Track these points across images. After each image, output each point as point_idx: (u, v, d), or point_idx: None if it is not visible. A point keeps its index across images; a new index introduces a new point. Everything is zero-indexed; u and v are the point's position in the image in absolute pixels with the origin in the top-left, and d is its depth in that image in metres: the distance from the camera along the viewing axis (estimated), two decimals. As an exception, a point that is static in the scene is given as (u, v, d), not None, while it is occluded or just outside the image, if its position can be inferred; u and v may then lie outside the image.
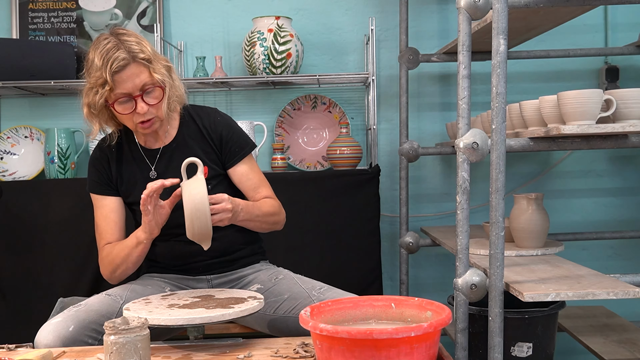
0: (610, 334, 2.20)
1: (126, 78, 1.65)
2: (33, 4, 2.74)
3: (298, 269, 1.94)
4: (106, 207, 1.84)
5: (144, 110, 1.69)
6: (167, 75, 1.72)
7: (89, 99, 1.70)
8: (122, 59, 1.64)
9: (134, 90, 1.67)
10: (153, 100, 1.70)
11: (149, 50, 1.69)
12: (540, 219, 1.94)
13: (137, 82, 1.67)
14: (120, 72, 1.65)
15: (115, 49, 1.64)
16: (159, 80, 1.69)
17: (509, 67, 2.03)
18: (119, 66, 1.64)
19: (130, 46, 1.66)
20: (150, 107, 1.70)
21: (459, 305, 1.66)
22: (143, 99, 1.68)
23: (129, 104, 1.69)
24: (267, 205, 1.83)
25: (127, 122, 1.75)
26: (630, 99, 1.57)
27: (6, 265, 2.41)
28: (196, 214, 1.56)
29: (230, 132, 1.86)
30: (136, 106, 1.68)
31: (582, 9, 1.85)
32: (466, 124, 1.61)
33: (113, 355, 1.25)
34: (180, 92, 1.79)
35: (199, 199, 1.56)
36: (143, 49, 1.68)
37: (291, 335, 1.64)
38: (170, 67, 1.76)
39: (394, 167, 2.73)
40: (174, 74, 1.78)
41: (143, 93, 1.68)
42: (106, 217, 1.83)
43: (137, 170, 1.84)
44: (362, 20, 2.72)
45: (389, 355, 1.16)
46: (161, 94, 1.71)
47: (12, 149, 2.71)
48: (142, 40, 1.70)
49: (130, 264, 1.76)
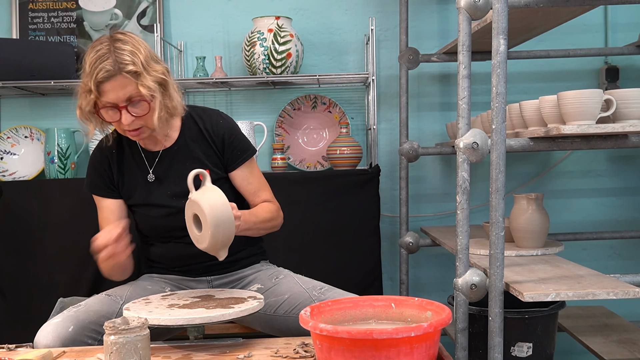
0: (610, 334, 2.20)
1: (110, 89, 1.62)
2: (33, 4, 2.74)
3: (298, 269, 1.94)
4: (106, 209, 1.84)
5: (128, 122, 1.65)
6: (157, 89, 1.66)
7: (80, 101, 1.69)
8: (107, 70, 1.60)
9: (119, 101, 1.64)
10: (139, 111, 1.66)
11: (141, 62, 1.63)
12: (540, 219, 1.94)
13: (120, 95, 1.62)
14: (105, 83, 1.61)
15: (104, 57, 1.61)
16: (146, 95, 1.63)
17: (509, 67, 2.03)
18: (103, 77, 1.60)
19: (121, 56, 1.61)
20: (135, 118, 1.66)
21: (459, 305, 1.66)
22: (128, 110, 1.65)
23: (113, 113, 1.66)
24: (264, 211, 1.81)
25: (117, 128, 1.73)
26: (630, 99, 1.57)
27: (6, 265, 2.41)
28: (222, 225, 1.53)
29: (232, 135, 1.84)
30: (121, 117, 1.66)
31: (582, 9, 1.86)
32: (466, 124, 1.62)
33: (113, 355, 1.26)
34: (174, 103, 1.73)
35: (224, 209, 1.53)
36: (135, 60, 1.62)
37: (291, 335, 1.64)
38: (164, 80, 1.69)
39: (394, 167, 2.73)
40: (171, 84, 1.71)
41: (129, 104, 1.65)
42: (105, 219, 1.83)
43: (137, 173, 1.83)
44: (362, 20, 2.72)
45: (389, 355, 1.16)
46: (148, 107, 1.67)
47: (12, 149, 2.71)
48: (137, 49, 1.64)
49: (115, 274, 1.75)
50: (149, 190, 1.81)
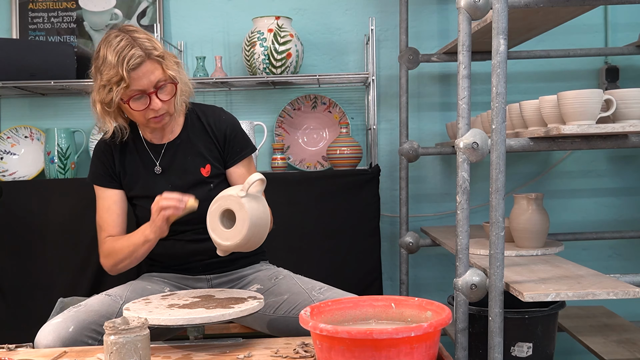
0: (610, 334, 2.20)
1: (142, 75, 1.67)
2: (33, 4, 2.74)
3: (298, 269, 1.94)
4: (109, 199, 1.84)
5: (158, 106, 1.71)
6: (178, 71, 1.74)
7: (102, 96, 1.71)
8: (138, 56, 1.65)
9: (149, 87, 1.69)
10: (166, 96, 1.72)
11: (160, 47, 1.72)
12: (540, 219, 1.94)
13: (152, 79, 1.68)
14: (137, 69, 1.66)
15: (130, 46, 1.65)
16: (172, 77, 1.71)
17: (509, 67, 2.03)
18: (135, 63, 1.65)
19: (144, 43, 1.68)
20: (163, 102, 1.72)
21: (459, 305, 1.66)
22: (157, 96, 1.70)
23: (143, 101, 1.71)
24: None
25: (138, 118, 1.75)
26: (630, 99, 1.57)
27: (6, 265, 2.41)
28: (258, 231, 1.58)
29: (234, 132, 1.87)
30: (150, 102, 1.70)
31: (582, 9, 1.85)
32: (466, 124, 1.62)
33: (113, 355, 1.25)
34: (189, 87, 1.82)
35: (265, 217, 1.60)
36: (155, 45, 1.70)
37: (291, 335, 1.64)
38: (179, 63, 1.78)
39: (394, 167, 2.73)
40: (182, 69, 1.80)
41: (157, 90, 1.70)
42: (108, 209, 1.83)
43: (140, 165, 1.84)
44: (362, 20, 2.72)
45: (389, 355, 1.16)
46: (173, 90, 1.73)
47: (12, 149, 2.71)
48: (151, 38, 1.72)
49: (134, 260, 1.77)
50: (151, 183, 1.82)
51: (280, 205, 2.15)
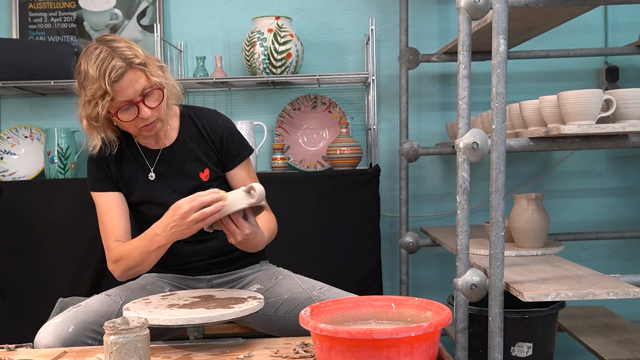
0: (610, 334, 2.20)
1: (126, 85, 1.63)
2: (33, 4, 2.74)
3: (298, 269, 1.94)
4: (110, 202, 1.80)
5: (147, 114, 1.67)
6: (163, 76, 1.71)
7: (88, 112, 1.67)
8: (120, 67, 1.61)
9: (135, 97, 1.65)
10: (154, 102, 1.69)
11: (142, 54, 1.67)
12: (540, 219, 1.94)
13: (137, 88, 1.64)
14: (119, 81, 1.62)
15: (110, 57, 1.61)
16: (157, 83, 1.67)
17: (509, 67, 2.03)
18: (118, 75, 1.61)
19: (124, 52, 1.63)
20: (152, 110, 1.68)
21: (459, 305, 1.66)
22: (144, 103, 1.67)
23: (131, 111, 1.67)
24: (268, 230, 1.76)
25: (130, 128, 1.73)
26: (630, 99, 1.57)
27: (6, 265, 2.41)
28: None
29: (230, 135, 1.85)
30: (139, 111, 1.66)
31: (582, 9, 1.85)
32: (466, 124, 1.62)
33: (113, 355, 1.25)
34: (176, 90, 1.78)
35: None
36: (136, 53, 1.65)
37: (291, 335, 1.64)
38: (163, 67, 1.74)
39: (394, 167, 2.73)
40: (168, 72, 1.76)
41: (144, 97, 1.67)
42: (111, 212, 1.79)
43: (137, 171, 1.83)
44: (362, 20, 2.72)
45: (389, 355, 1.16)
46: (161, 95, 1.70)
47: (12, 149, 2.71)
48: (132, 45, 1.67)
49: (146, 265, 1.71)
50: (150, 188, 1.81)
51: (280, 205, 2.15)
